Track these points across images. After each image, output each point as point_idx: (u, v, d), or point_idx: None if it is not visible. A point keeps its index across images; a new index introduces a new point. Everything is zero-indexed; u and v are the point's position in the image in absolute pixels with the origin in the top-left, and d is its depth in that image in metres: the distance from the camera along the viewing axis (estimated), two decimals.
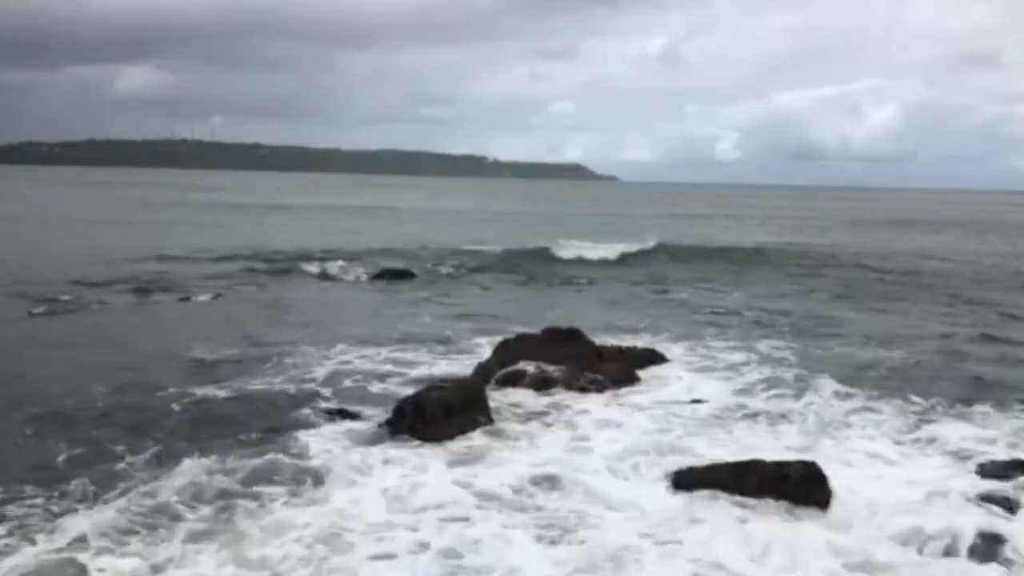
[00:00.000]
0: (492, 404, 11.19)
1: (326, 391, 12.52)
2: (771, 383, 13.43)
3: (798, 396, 12.69)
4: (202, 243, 34.36)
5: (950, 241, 47.99)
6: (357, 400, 12.06)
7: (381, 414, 11.04)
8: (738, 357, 15.44)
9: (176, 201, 73.71)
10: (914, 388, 13.20)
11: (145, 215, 54.13)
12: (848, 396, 12.69)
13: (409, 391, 11.69)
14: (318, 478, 8.90)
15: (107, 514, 7.81)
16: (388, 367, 14.11)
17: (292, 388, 12.61)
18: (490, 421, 10.76)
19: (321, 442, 10.06)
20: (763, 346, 16.48)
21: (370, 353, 15.08)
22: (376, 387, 12.88)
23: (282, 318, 19.23)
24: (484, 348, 15.01)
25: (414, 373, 13.71)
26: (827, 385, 13.23)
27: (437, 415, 10.30)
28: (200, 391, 12.33)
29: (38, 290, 21.02)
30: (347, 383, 13.03)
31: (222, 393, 12.28)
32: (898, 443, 10.47)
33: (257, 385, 12.76)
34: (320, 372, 13.64)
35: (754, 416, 11.51)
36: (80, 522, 7.64)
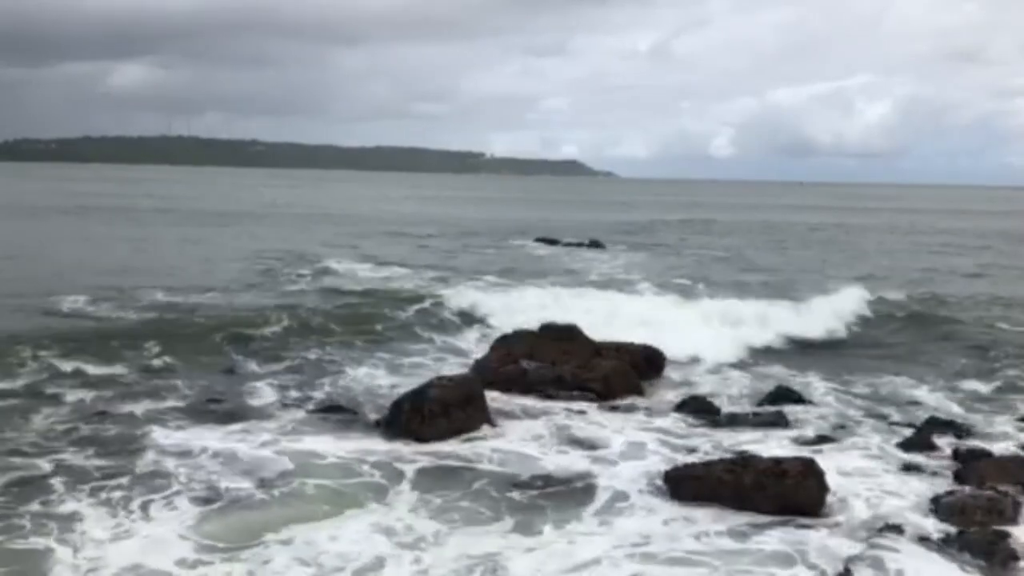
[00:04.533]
0: (490, 402, 11.12)
1: (318, 389, 12.38)
2: (769, 382, 13.37)
3: (797, 394, 12.60)
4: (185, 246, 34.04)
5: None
6: (352, 398, 11.94)
7: (377, 412, 10.96)
8: (737, 355, 15.45)
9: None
10: (917, 388, 13.21)
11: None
12: (851, 396, 12.71)
13: (405, 389, 11.56)
14: (303, 480, 8.75)
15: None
16: (386, 365, 14.02)
17: (281, 386, 12.44)
18: (488, 420, 10.70)
19: (314, 441, 9.94)
20: (763, 345, 16.45)
21: (366, 351, 14.99)
22: (373, 385, 12.74)
23: (265, 317, 18.96)
24: (483, 345, 14.94)
25: (412, 370, 13.64)
26: (827, 384, 13.27)
27: (436, 412, 10.24)
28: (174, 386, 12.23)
29: None
30: (342, 381, 12.90)
31: (201, 388, 12.16)
32: (899, 443, 10.40)
33: (241, 382, 12.65)
34: (314, 371, 13.50)
35: (752, 414, 11.46)
36: None
